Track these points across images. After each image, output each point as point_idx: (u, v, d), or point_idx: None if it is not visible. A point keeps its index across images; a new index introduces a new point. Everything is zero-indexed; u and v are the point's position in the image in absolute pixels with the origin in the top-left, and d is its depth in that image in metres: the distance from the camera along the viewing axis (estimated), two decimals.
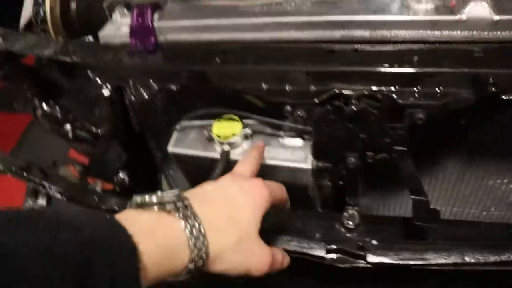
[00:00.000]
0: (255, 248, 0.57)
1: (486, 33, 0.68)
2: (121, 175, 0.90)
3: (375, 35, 0.70)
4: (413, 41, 0.70)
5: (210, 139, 0.78)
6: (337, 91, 0.67)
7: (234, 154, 0.77)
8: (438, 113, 0.66)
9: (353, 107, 0.66)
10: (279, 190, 0.66)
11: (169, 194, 0.52)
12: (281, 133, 0.77)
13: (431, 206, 0.75)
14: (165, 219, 0.50)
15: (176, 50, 0.79)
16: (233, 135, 0.76)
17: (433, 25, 0.69)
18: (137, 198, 0.51)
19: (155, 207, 0.51)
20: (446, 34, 0.69)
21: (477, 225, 0.80)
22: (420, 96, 0.66)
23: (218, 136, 0.76)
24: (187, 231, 0.50)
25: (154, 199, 0.51)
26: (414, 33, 0.70)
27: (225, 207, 0.56)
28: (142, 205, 0.51)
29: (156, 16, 0.81)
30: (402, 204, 0.93)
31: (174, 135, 0.83)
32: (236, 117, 0.78)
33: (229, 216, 0.55)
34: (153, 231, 0.49)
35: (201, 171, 0.79)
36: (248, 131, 0.77)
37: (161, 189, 1.01)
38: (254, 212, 0.57)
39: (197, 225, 0.50)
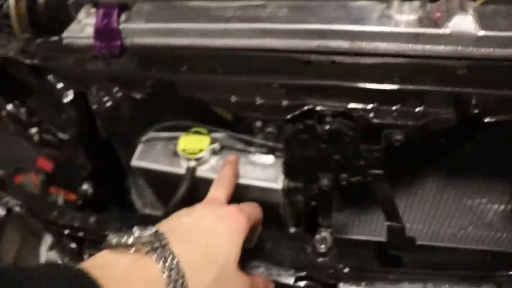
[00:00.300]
0: (235, 281, 0.54)
1: (470, 49, 0.63)
2: (85, 186, 0.84)
3: (353, 46, 0.66)
4: (393, 55, 0.65)
5: (176, 154, 0.73)
6: (310, 107, 0.62)
7: (201, 171, 0.72)
8: (417, 134, 0.62)
9: (326, 127, 0.61)
10: (256, 213, 0.62)
11: (145, 234, 0.49)
12: (252, 149, 0.73)
13: (407, 228, 0.71)
14: (142, 262, 0.47)
15: (142, 55, 0.74)
16: (200, 150, 0.71)
17: (415, 38, 0.64)
18: (113, 240, 0.48)
19: (132, 249, 0.48)
20: (428, 48, 0.65)
21: (454, 251, 0.76)
22: (398, 116, 0.61)
23: (184, 151, 0.71)
24: (165, 274, 0.47)
25: (130, 240, 0.48)
26: (395, 46, 0.65)
27: (203, 242, 0.53)
28: (118, 246, 0.48)
29: (123, 17, 0.76)
30: (378, 222, 0.89)
31: (139, 148, 0.78)
32: (204, 131, 0.73)
33: (207, 251, 0.52)
34: (129, 278, 0.46)
35: (166, 186, 0.75)
36: (216, 146, 0.72)
37: (130, 199, 0.98)
38: (232, 243, 0.55)
39: (175, 267, 0.47)
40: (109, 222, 0.74)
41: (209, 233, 0.54)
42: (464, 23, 0.63)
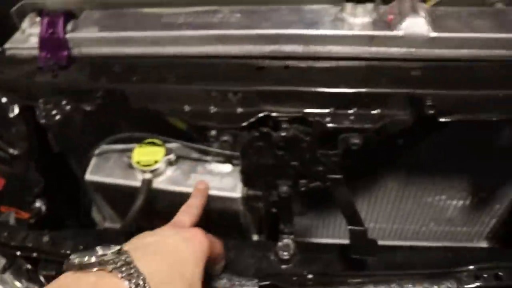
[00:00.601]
0: None
1: (423, 50, 0.64)
2: (38, 203, 0.81)
3: (307, 50, 0.65)
4: (348, 58, 0.65)
5: (131, 166, 0.70)
6: (265, 114, 0.61)
7: (157, 182, 0.70)
8: (374, 137, 0.61)
9: (282, 133, 0.60)
10: (218, 245, 0.62)
11: (108, 252, 0.47)
12: (209, 158, 0.71)
13: (371, 227, 0.70)
14: (106, 281, 0.45)
15: (91, 65, 0.71)
16: (155, 162, 0.68)
17: (369, 40, 0.64)
18: (75, 260, 0.46)
19: (95, 268, 0.46)
20: (382, 50, 0.65)
21: (417, 250, 0.76)
22: (355, 119, 0.61)
23: (139, 163, 0.69)
24: None
25: (93, 259, 0.46)
26: (349, 49, 0.65)
27: (168, 259, 0.52)
28: (81, 267, 0.46)
29: (69, 26, 0.73)
30: (342, 224, 0.89)
31: (93, 161, 0.74)
32: (159, 142, 0.70)
33: (173, 268, 0.51)
34: None
35: (123, 200, 0.72)
36: (171, 157, 0.70)
37: (89, 213, 0.94)
38: (196, 262, 0.54)
39: (141, 283, 0.45)
40: (64, 240, 0.70)
41: (174, 252, 0.53)
42: (417, 25, 0.63)
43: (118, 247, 0.48)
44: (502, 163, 0.77)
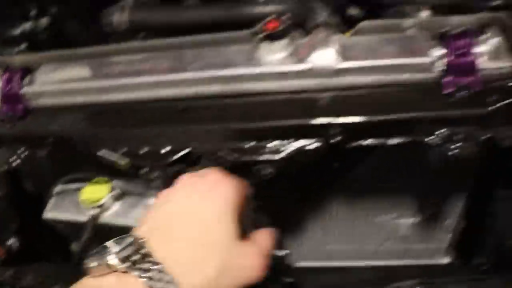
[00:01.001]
0: (242, 259, 0.50)
1: (333, 80, 0.67)
2: (10, 241, 0.88)
3: (226, 89, 0.70)
4: (263, 93, 0.69)
5: (81, 204, 0.77)
6: (187, 151, 0.67)
7: (105, 217, 0.76)
8: (287, 167, 0.66)
9: (196, 168, 0.65)
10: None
11: (123, 246, 0.46)
12: (152, 192, 0.77)
13: (328, 249, 0.73)
14: (125, 279, 0.44)
15: (44, 115, 0.79)
16: (99, 199, 0.75)
17: (282, 75, 0.69)
18: (90, 263, 0.45)
19: (112, 268, 0.45)
20: (295, 83, 0.69)
21: (349, 270, 0.79)
22: (266, 151, 0.65)
23: (86, 201, 0.76)
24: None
25: (110, 258, 0.45)
26: (264, 85, 0.69)
27: (192, 233, 0.49)
28: (98, 268, 0.45)
29: (27, 80, 0.81)
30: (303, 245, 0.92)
31: (52, 200, 0.82)
32: (104, 180, 0.77)
33: (198, 242, 0.48)
34: None
35: (78, 235, 0.79)
36: (115, 193, 0.76)
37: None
38: (224, 221, 0.50)
39: (162, 277, 0.44)
40: (25, 274, 0.78)
41: (197, 221, 0.49)
42: (325, 56, 0.67)
43: (132, 238, 0.46)
44: (440, 181, 0.79)
